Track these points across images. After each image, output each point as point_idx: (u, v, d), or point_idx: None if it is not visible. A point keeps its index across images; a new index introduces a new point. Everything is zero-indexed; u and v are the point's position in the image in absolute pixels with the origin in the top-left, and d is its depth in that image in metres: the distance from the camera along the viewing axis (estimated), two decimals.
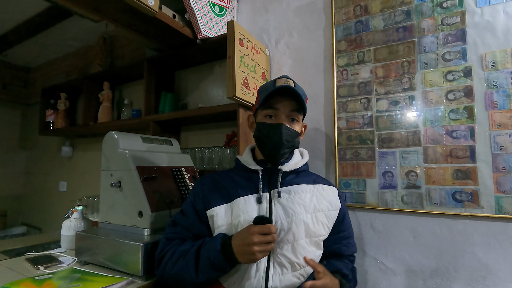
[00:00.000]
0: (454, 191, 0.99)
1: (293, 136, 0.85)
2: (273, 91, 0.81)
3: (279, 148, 0.83)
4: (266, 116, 0.85)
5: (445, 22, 1.05)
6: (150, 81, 1.74)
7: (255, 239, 0.69)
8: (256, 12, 1.53)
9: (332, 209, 0.87)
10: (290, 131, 0.84)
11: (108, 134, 1.09)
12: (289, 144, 0.84)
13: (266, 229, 0.71)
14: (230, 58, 1.16)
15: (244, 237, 0.72)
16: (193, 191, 0.90)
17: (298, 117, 0.86)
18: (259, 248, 0.70)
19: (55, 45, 2.49)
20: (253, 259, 0.71)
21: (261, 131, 0.85)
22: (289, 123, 0.85)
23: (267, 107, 0.84)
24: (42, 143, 2.83)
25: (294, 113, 0.85)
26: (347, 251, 0.89)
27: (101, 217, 1.10)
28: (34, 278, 0.86)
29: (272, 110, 0.84)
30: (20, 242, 1.46)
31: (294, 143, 0.86)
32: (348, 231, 0.91)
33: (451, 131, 1.01)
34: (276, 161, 0.87)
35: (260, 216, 0.74)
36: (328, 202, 0.87)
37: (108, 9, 1.20)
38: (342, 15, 1.25)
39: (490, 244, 0.93)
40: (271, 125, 0.83)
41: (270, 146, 0.84)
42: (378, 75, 1.15)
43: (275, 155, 0.84)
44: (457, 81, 1.01)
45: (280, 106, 0.83)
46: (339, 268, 0.84)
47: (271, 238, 0.71)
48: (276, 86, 0.82)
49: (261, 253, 0.71)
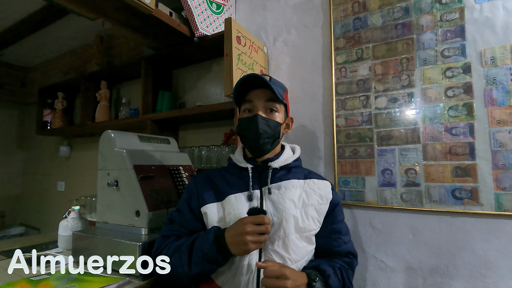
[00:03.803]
0: (453, 188, 0.98)
1: (271, 125, 0.84)
2: (243, 84, 0.83)
3: (257, 139, 0.82)
4: (245, 111, 0.87)
5: (444, 19, 1.04)
6: (148, 80, 1.72)
7: (247, 229, 0.69)
8: (253, 9, 1.52)
9: (323, 203, 0.85)
10: (266, 120, 0.83)
11: (104, 133, 1.08)
12: (267, 134, 0.83)
13: (260, 219, 0.71)
14: (228, 56, 1.15)
15: (237, 227, 0.72)
16: (187, 189, 0.91)
17: (276, 108, 0.86)
18: (252, 238, 0.69)
19: (52, 44, 2.47)
20: (246, 250, 0.71)
21: (240, 126, 0.86)
22: (267, 114, 0.85)
23: (243, 102, 0.86)
24: (39, 143, 2.81)
25: (271, 103, 0.85)
26: (337, 247, 0.85)
27: (98, 217, 1.09)
28: (30, 278, 0.85)
29: (248, 104, 0.85)
30: (18, 243, 1.45)
31: (275, 133, 0.85)
32: (339, 226, 0.87)
33: (450, 128, 1.00)
34: (260, 154, 0.86)
35: (254, 207, 0.74)
36: (318, 196, 0.85)
37: (104, 7, 1.19)
38: (340, 12, 1.24)
39: (489, 241, 0.93)
40: (247, 118, 0.84)
41: (250, 138, 0.84)
42: (377, 72, 1.14)
43: (256, 147, 0.84)
44: (456, 77, 1.01)
45: (253, 98, 0.84)
46: (316, 265, 0.79)
47: (264, 228, 0.71)
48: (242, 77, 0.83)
49: (254, 244, 0.70)
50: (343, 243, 0.87)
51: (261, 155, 0.87)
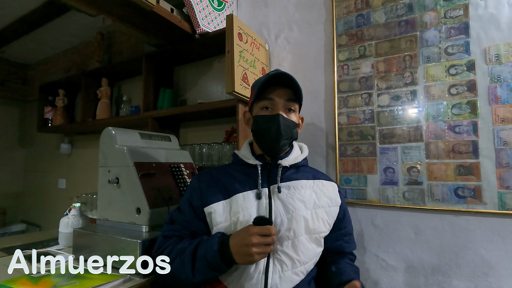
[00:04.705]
0: (456, 187, 0.97)
1: (291, 127, 0.83)
2: (267, 80, 0.80)
3: (278, 139, 0.81)
4: (262, 108, 0.84)
5: (448, 15, 1.03)
6: (149, 77, 1.72)
7: (254, 240, 0.67)
8: (255, 6, 1.50)
9: (332, 205, 0.85)
10: (288, 121, 0.82)
11: (105, 130, 1.07)
12: (287, 135, 0.82)
13: (266, 231, 0.69)
14: (229, 52, 1.14)
15: (242, 238, 0.69)
16: (190, 188, 0.88)
17: (295, 107, 0.85)
18: (258, 249, 0.68)
19: (53, 41, 2.46)
20: (251, 261, 0.69)
21: (258, 124, 0.84)
22: (286, 113, 0.83)
23: (263, 98, 0.83)
24: (40, 140, 2.81)
25: (291, 103, 0.83)
26: (348, 248, 0.88)
27: (99, 214, 1.09)
28: (31, 275, 0.84)
29: (268, 101, 0.82)
30: (19, 240, 1.45)
31: (293, 134, 0.85)
32: (349, 228, 0.90)
33: (453, 126, 0.99)
34: (276, 154, 0.85)
35: (260, 217, 0.71)
36: (328, 198, 0.85)
37: (105, 2, 1.18)
38: (343, 8, 1.22)
39: (492, 241, 0.92)
40: (268, 117, 0.82)
41: (269, 139, 0.82)
42: (380, 69, 1.13)
43: (274, 147, 0.83)
44: (460, 75, 1.00)
45: (275, 96, 0.82)
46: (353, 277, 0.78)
47: (270, 240, 0.69)
48: (269, 74, 0.81)
49: (259, 255, 0.69)
50: (352, 242, 0.91)
51: (277, 154, 0.86)
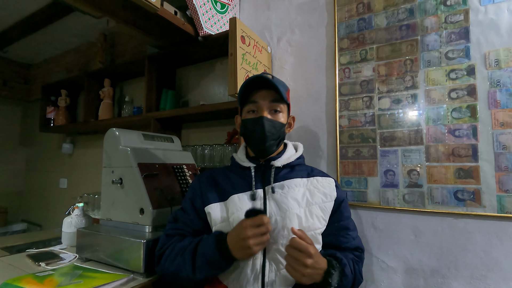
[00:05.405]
0: (456, 190, 0.98)
1: (277, 127, 0.85)
2: (250, 84, 0.83)
3: (264, 140, 0.83)
4: (249, 112, 0.87)
5: (449, 20, 1.04)
6: (151, 78, 1.73)
7: (249, 233, 0.69)
8: (258, 9, 1.52)
9: (327, 201, 0.85)
10: (272, 122, 0.84)
11: (109, 131, 1.09)
12: (274, 136, 0.84)
13: (259, 221, 0.70)
14: (232, 55, 1.15)
15: (238, 232, 0.71)
16: (191, 189, 0.91)
17: (280, 108, 0.87)
18: (254, 241, 0.69)
19: (56, 41, 2.48)
20: (250, 253, 0.71)
21: (245, 127, 0.86)
22: (272, 114, 0.85)
23: (248, 102, 0.86)
24: (42, 140, 2.83)
25: (275, 104, 0.85)
26: (346, 243, 0.85)
27: (102, 214, 1.10)
28: (36, 274, 0.86)
29: (253, 104, 0.85)
30: (21, 239, 1.46)
31: (280, 134, 0.86)
32: (346, 222, 0.87)
33: (453, 130, 1.00)
34: (266, 155, 0.87)
35: (251, 209, 0.73)
36: (322, 194, 0.85)
37: (109, 5, 1.19)
38: (345, 12, 1.24)
39: (491, 243, 0.93)
40: (253, 119, 0.84)
41: (256, 140, 0.84)
42: (381, 73, 1.14)
43: (262, 149, 0.85)
44: (460, 79, 1.01)
45: (259, 99, 0.84)
46: (333, 253, 0.80)
47: (264, 229, 0.70)
48: (251, 78, 0.83)
49: (257, 246, 0.70)
50: (352, 238, 0.87)
51: (266, 156, 0.88)
